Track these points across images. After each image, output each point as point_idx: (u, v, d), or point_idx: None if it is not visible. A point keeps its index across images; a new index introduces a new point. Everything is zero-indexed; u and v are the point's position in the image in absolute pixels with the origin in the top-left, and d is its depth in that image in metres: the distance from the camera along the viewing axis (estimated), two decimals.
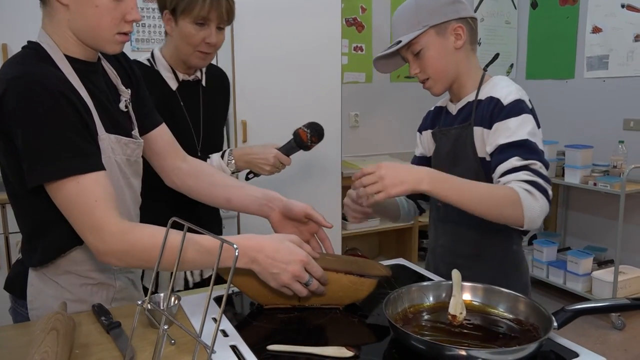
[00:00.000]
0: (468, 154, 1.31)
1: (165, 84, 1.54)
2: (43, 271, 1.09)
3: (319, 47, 2.90)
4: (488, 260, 1.36)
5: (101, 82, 1.12)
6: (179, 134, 1.53)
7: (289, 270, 0.99)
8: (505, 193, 1.14)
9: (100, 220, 0.96)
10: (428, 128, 1.51)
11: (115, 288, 1.17)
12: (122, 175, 1.13)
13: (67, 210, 0.98)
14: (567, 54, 3.77)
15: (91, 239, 0.97)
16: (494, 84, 1.31)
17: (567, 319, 0.94)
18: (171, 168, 1.29)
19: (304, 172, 2.96)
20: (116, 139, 1.10)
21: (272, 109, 2.83)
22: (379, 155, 3.78)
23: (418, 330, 0.99)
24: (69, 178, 0.96)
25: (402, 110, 3.89)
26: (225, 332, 0.99)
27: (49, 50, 1.03)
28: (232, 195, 1.27)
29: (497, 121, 1.24)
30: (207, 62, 1.54)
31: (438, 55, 1.30)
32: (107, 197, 0.98)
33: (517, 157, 1.18)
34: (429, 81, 1.34)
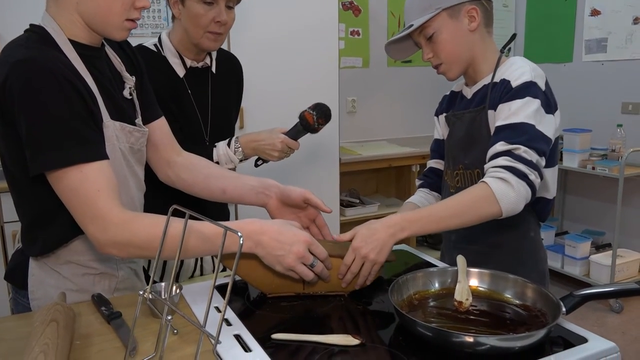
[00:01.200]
0: (483, 138, 1.27)
1: (172, 71, 1.50)
2: (44, 261, 1.07)
3: (316, 32, 2.86)
4: (504, 248, 1.33)
5: (105, 68, 1.10)
6: (186, 122, 1.50)
7: (293, 252, 0.97)
8: (476, 194, 1.12)
9: (102, 211, 0.94)
10: (443, 112, 1.48)
11: (118, 278, 1.16)
12: (126, 163, 1.11)
13: (68, 200, 0.96)
14: (565, 37, 3.74)
15: (92, 229, 0.95)
16: (509, 65, 1.27)
17: (575, 304, 0.93)
18: (166, 161, 1.27)
19: (301, 159, 2.93)
20: (121, 127, 1.08)
21: (269, 95, 2.79)
22: (376, 140, 3.75)
23: (424, 317, 0.98)
24: (72, 167, 0.94)
25: (399, 95, 3.85)
26: (228, 321, 0.98)
27: (53, 34, 1.00)
28: (228, 185, 1.25)
29: (501, 102, 1.21)
30: (219, 43, 1.48)
31: (451, 38, 1.27)
32: (109, 187, 0.96)
33: (503, 141, 1.15)
34: (443, 66, 1.30)
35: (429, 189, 1.51)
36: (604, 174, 3.17)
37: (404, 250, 1.40)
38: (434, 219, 1.11)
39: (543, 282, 1.37)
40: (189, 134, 1.47)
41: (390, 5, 3.75)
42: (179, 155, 1.29)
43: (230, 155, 1.49)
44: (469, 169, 1.32)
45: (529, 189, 1.13)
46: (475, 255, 1.12)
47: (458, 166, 1.36)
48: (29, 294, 1.08)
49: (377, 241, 1.06)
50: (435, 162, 1.52)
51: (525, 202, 1.13)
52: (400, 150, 3.43)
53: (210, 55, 1.57)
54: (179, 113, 1.39)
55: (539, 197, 1.31)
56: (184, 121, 1.49)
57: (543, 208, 1.33)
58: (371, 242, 1.06)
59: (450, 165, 1.40)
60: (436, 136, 1.52)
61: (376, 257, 1.06)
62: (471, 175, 1.32)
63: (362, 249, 1.06)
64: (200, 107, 1.54)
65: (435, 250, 3.48)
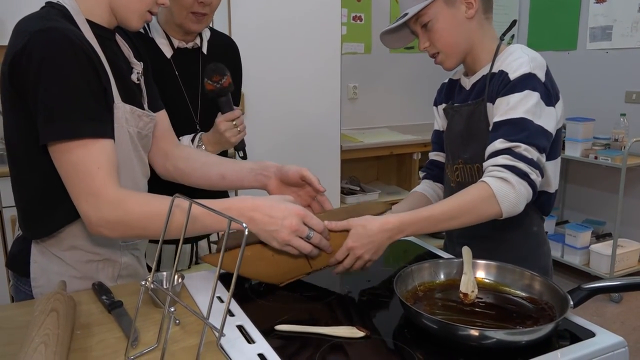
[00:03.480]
0: (482, 132, 1.24)
1: (160, 52, 1.46)
2: (47, 247, 1.06)
3: (318, 17, 2.82)
4: (507, 242, 1.31)
5: (117, 51, 1.11)
6: (174, 105, 1.46)
7: (286, 225, 0.95)
8: (475, 194, 1.09)
9: (98, 188, 0.93)
10: (442, 102, 1.44)
11: (121, 265, 1.14)
12: (133, 147, 1.10)
13: (67, 174, 0.95)
14: (569, 24, 3.70)
15: (85, 206, 0.94)
16: (507, 55, 1.22)
17: (582, 298, 0.92)
18: (164, 152, 1.26)
19: (302, 145, 2.91)
20: (131, 110, 1.07)
21: (270, 81, 2.77)
22: (377, 127, 3.73)
23: (429, 309, 0.96)
24: (78, 141, 0.93)
25: (402, 81, 3.82)
26: (231, 312, 0.97)
27: (72, 13, 1.01)
28: (226, 170, 1.24)
29: (499, 96, 1.17)
30: (204, 25, 1.44)
31: (448, 26, 1.22)
32: (110, 166, 0.95)
33: (502, 138, 1.12)
34: (440, 55, 1.26)
35: (432, 181, 1.49)
36: (606, 164, 3.15)
37: (408, 240, 1.38)
38: (432, 221, 1.08)
39: (547, 275, 1.35)
40: (178, 119, 1.43)
41: None
42: (175, 147, 1.29)
43: None
44: (469, 164, 1.29)
45: (529, 189, 1.10)
46: (477, 251, 1.10)
47: (458, 160, 1.33)
48: (31, 281, 1.06)
49: (373, 244, 1.04)
50: (435, 155, 1.50)
51: (526, 202, 1.11)
52: (401, 137, 3.40)
53: (200, 35, 1.52)
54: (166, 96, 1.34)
55: (541, 192, 1.28)
56: (172, 105, 1.45)
57: (545, 202, 1.30)
58: (367, 243, 1.04)
59: (450, 159, 1.37)
60: (436, 127, 1.49)
61: (371, 258, 1.05)
62: (471, 169, 1.30)
63: (356, 250, 1.04)
64: (189, 89, 1.49)
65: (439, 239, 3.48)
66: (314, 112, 2.92)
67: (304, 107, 2.88)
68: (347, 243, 1.03)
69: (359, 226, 1.04)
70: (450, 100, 1.40)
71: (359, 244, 1.03)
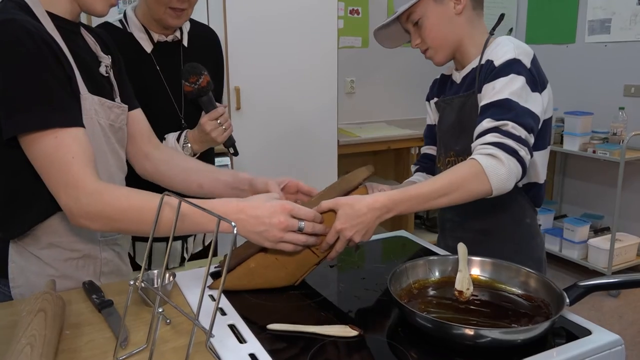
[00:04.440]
0: (474, 123, 1.22)
1: (139, 46, 1.43)
2: (24, 245, 1.04)
3: (314, 11, 2.80)
4: (500, 235, 1.31)
5: (82, 44, 1.08)
6: (157, 101, 1.44)
7: (274, 224, 0.93)
8: (465, 171, 1.07)
9: (76, 178, 0.91)
10: (434, 97, 1.45)
11: (102, 261, 1.12)
12: (105, 139, 1.08)
13: (42, 167, 0.93)
14: (568, 17, 3.67)
15: (65, 198, 0.92)
16: (494, 46, 1.23)
17: (578, 296, 0.91)
18: (144, 153, 1.24)
19: (299, 141, 2.89)
20: (99, 101, 1.05)
21: (267, 75, 2.74)
22: (375, 122, 3.71)
23: (424, 307, 0.95)
24: (48, 131, 0.91)
25: (400, 75, 3.80)
26: (223, 311, 0.95)
27: (31, 5, 0.98)
28: (204, 180, 1.23)
29: (485, 83, 1.18)
30: (183, 20, 1.41)
31: (437, 23, 1.24)
32: (85, 155, 0.93)
33: (489, 118, 1.11)
34: (429, 51, 1.28)
35: (425, 173, 1.48)
36: (604, 158, 3.14)
37: (402, 236, 1.37)
38: (421, 199, 1.05)
39: (540, 270, 1.35)
40: (162, 115, 1.40)
41: None
42: (156, 149, 1.27)
43: (178, 151, 1.40)
44: (461, 156, 1.30)
45: (519, 165, 1.08)
46: (470, 243, 1.09)
47: (449, 153, 1.33)
48: (9, 282, 1.04)
49: (362, 224, 1.01)
50: (428, 148, 1.50)
51: (516, 179, 1.09)
52: (399, 132, 3.38)
53: (180, 28, 1.50)
54: (148, 92, 1.32)
55: (531, 183, 1.29)
56: (155, 101, 1.42)
57: (536, 193, 1.31)
58: (356, 224, 1.00)
59: (442, 152, 1.37)
60: (428, 122, 1.49)
61: (361, 239, 1.03)
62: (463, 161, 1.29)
63: (346, 231, 1.00)
64: (172, 83, 1.46)
65: (433, 233, 3.47)
66: (311, 107, 2.90)
67: (300, 102, 2.86)
68: (335, 225, 1.00)
69: (347, 206, 1.01)
70: (442, 95, 1.40)
71: (348, 225, 1.00)
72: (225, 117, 1.39)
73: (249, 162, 2.77)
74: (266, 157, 2.82)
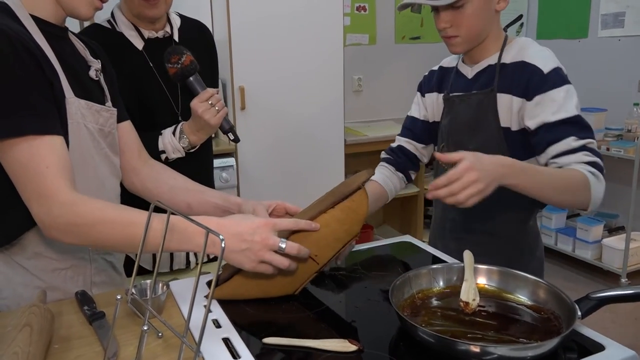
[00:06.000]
0: (490, 122, 1.22)
1: (130, 45, 1.40)
2: (10, 255, 1.01)
3: (319, 8, 2.75)
4: (502, 236, 1.28)
5: (68, 48, 1.05)
6: (153, 98, 1.41)
7: (256, 241, 0.89)
8: (578, 178, 1.10)
9: (49, 189, 0.88)
10: (433, 90, 1.40)
11: (92, 272, 1.09)
12: (95, 144, 1.04)
13: (15, 175, 0.90)
14: (580, 11, 3.59)
15: (36, 208, 0.89)
16: (521, 47, 1.22)
17: (591, 308, 0.86)
18: (131, 167, 1.21)
19: (305, 140, 2.85)
20: (87, 105, 1.02)
21: (271, 74, 2.70)
22: (383, 120, 3.65)
23: (427, 319, 0.91)
24: (22, 138, 0.87)
25: (408, 72, 3.73)
26: (217, 323, 0.91)
27: (13, 8, 0.95)
28: (193, 200, 1.20)
29: (539, 93, 1.16)
30: (161, 9, 1.36)
31: (480, 14, 1.19)
32: (60, 165, 0.90)
33: (574, 136, 1.13)
34: (458, 38, 1.21)
35: (394, 168, 1.43)
36: (618, 155, 3.06)
37: (407, 241, 1.32)
38: (539, 182, 1.05)
39: (541, 269, 1.36)
40: (159, 111, 1.37)
41: None
42: (144, 164, 1.23)
43: (175, 145, 1.37)
44: None
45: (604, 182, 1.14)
46: (472, 245, 1.07)
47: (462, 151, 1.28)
48: None
49: (488, 172, 0.96)
50: (406, 142, 1.45)
51: None
52: None
53: (170, 22, 1.46)
54: (143, 90, 1.28)
55: None
56: (151, 98, 1.39)
57: None
58: (483, 169, 0.95)
59: (451, 150, 1.32)
60: (414, 114, 1.45)
61: (484, 188, 0.95)
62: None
63: (472, 172, 0.93)
64: (167, 79, 1.41)
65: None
66: (317, 106, 2.85)
67: (306, 101, 2.81)
68: (464, 164, 0.94)
69: (474, 154, 0.97)
70: (445, 90, 1.36)
71: (479, 167, 0.94)
72: (217, 98, 1.33)
73: (254, 162, 2.74)
74: (271, 157, 2.78)
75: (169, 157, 1.38)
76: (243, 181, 2.73)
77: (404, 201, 3.50)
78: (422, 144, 1.44)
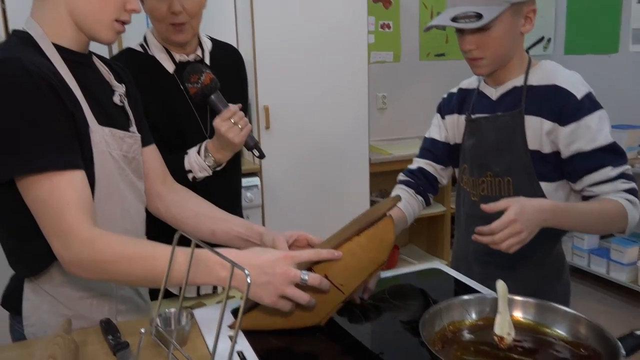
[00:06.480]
0: (517, 144, 1.20)
1: (161, 68, 1.41)
2: (39, 283, 1.01)
3: (344, 26, 2.75)
4: (528, 261, 1.25)
5: (92, 75, 1.05)
6: (183, 121, 1.42)
7: (277, 274, 0.86)
8: (616, 209, 1.13)
9: (69, 226, 0.87)
10: (454, 112, 1.38)
11: (117, 299, 1.08)
12: (119, 172, 1.04)
13: (36, 211, 0.89)
14: (610, 26, 3.51)
15: (57, 245, 0.88)
16: (548, 70, 1.21)
17: (636, 346, 0.81)
18: (156, 192, 1.20)
19: (329, 159, 2.83)
20: (110, 132, 1.01)
21: (296, 93, 2.70)
22: (408, 138, 3.62)
23: (460, 354, 0.87)
24: (41, 175, 0.87)
25: (432, 90, 3.69)
26: (242, 355, 0.89)
27: (36, 38, 0.96)
28: (217, 228, 1.19)
29: (573, 120, 1.15)
30: (187, 35, 1.37)
31: (506, 37, 1.17)
32: (80, 201, 0.89)
33: (610, 166, 1.14)
34: (483, 60, 1.20)
35: (414, 191, 1.40)
36: None
37: (437, 268, 1.28)
38: (579, 221, 1.12)
39: (568, 294, 1.34)
40: (188, 134, 1.36)
41: None
42: (169, 189, 1.23)
43: (201, 163, 1.35)
44: (499, 177, 1.25)
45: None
46: (497, 270, 1.08)
47: (486, 173, 1.27)
48: (23, 320, 1.01)
49: (531, 222, 1.03)
50: (426, 164, 1.42)
51: None
52: None
53: (201, 46, 1.47)
54: (174, 113, 1.28)
55: None
56: (181, 120, 1.39)
57: None
58: (526, 220, 1.02)
59: (474, 172, 1.30)
60: (434, 135, 1.42)
61: (526, 237, 1.03)
62: (501, 183, 1.25)
63: (517, 224, 1.01)
64: (197, 103, 1.40)
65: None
66: (341, 124, 2.84)
67: (330, 119, 2.80)
68: (508, 215, 1.01)
69: (519, 203, 1.03)
70: (467, 111, 1.33)
71: (522, 218, 1.01)
72: (240, 116, 1.30)
73: (278, 182, 2.73)
74: (296, 176, 2.77)
75: (196, 177, 1.37)
76: (268, 200, 2.72)
77: (430, 221, 3.44)
78: (442, 165, 1.42)
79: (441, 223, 3.37)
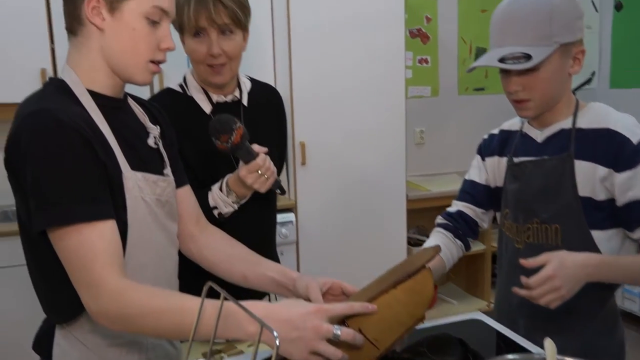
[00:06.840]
0: (567, 190, 1.14)
1: (199, 108, 1.42)
2: (70, 330, 1.00)
3: (381, 61, 2.75)
4: (579, 315, 1.17)
5: (127, 119, 1.05)
6: (219, 162, 1.41)
7: (309, 328, 0.81)
8: None
9: (97, 278, 0.86)
10: (495, 154, 1.33)
11: (148, 347, 1.06)
12: (152, 216, 1.03)
13: (66, 262, 0.89)
14: None
15: (86, 296, 0.87)
16: (599, 113, 1.16)
17: None
18: (189, 233, 1.19)
19: (366, 195, 2.80)
20: (143, 177, 1.01)
21: (332, 129, 2.70)
22: (446, 174, 3.55)
23: None
24: (71, 226, 0.87)
25: (471, 125, 3.63)
26: None
27: (70, 85, 0.97)
28: (249, 272, 1.16)
29: (631, 167, 1.09)
30: (225, 77, 1.37)
31: (554, 78, 1.13)
32: (109, 252, 0.88)
33: None
34: (530, 102, 1.15)
35: (452, 235, 1.34)
36: None
37: (477, 319, 1.22)
38: (626, 275, 1.09)
39: (622, 355, 1.24)
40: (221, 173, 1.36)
41: (461, 31, 3.58)
42: (202, 230, 1.21)
43: (224, 199, 1.34)
44: (546, 223, 1.18)
45: None
46: (543, 322, 1.04)
47: (532, 220, 1.21)
48: None
49: (571, 277, 1.01)
50: (465, 207, 1.36)
51: None
52: None
53: (240, 87, 1.47)
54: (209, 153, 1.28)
55: None
56: (217, 162, 1.38)
57: None
58: (566, 275, 1.01)
59: (519, 218, 1.24)
60: (475, 178, 1.37)
61: (566, 294, 1.01)
62: (548, 230, 1.18)
63: (556, 280, 0.99)
64: None
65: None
66: (378, 160, 2.81)
67: (367, 155, 2.78)
68: (546, 271, 1.00)
69: (558, 257, 1.02)
70: (508, 153, 1.28)
71: (562, 274, 1.00)
72: (267, 167, 1.29)
73: (314, 218, 2.71)
74: (331, 212, 2.74)
75: (222, 212, 1.36)
76: (302, 237, 2.69)
77: (470, 259, 3.33)
78: (482, 209, 1.36)
79: (481, 262, 3.26)
